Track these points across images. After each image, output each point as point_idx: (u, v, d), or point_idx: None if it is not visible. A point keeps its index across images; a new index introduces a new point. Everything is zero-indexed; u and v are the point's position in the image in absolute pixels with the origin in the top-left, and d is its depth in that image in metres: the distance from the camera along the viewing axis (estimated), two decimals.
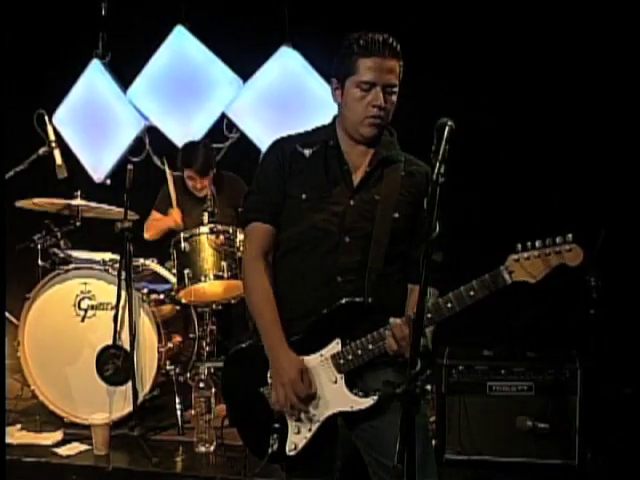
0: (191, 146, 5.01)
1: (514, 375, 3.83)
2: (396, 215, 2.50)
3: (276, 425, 2.49)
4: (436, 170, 1.99)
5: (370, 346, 2.39)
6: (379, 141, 2.54)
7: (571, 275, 2.26)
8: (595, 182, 4.60)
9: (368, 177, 2.52)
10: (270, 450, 2.47)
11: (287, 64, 5.18)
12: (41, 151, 4.68)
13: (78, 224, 4.77)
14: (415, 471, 1.91)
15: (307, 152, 2.54)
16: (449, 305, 2.30)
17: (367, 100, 2.43)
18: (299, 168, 2.53)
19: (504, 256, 2.27)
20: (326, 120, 2.64)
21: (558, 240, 2.22)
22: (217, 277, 4.43)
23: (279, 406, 2.46)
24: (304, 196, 2.50)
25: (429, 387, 4.05)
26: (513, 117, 4.73)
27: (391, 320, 2.33)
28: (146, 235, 5.07)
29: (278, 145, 2.60)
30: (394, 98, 2.47)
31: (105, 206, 4.74)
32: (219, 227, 4.49)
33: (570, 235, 2.21)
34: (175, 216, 4.98)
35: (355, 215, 2.49)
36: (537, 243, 2.24)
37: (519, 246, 2.26)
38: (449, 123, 2.02)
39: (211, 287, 4.59)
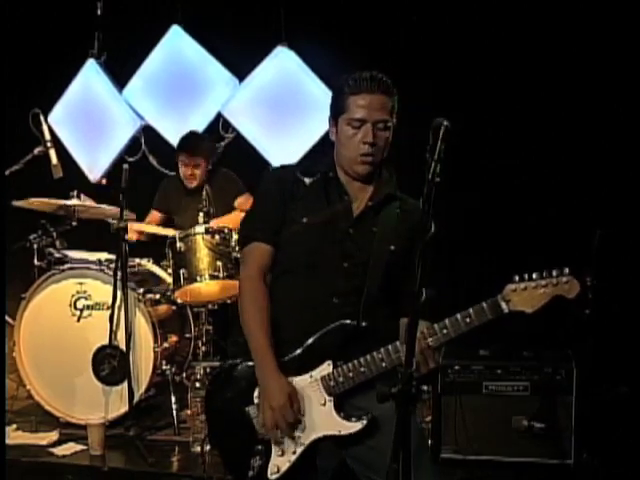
0: (190, 134, 5.06)
1: (510, 375, 3.83)
2: (392, 247, 2.54)
3: (259, 447, 2.47)
4: (432, 170, 2.00)
5: (362, 369, 2.39)
6: (379, 178, 2.58)
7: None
8: (591, 183, 4.60)
9: (368, 210, 2.56)
10: (251, 473, 2.44)
11: (283, 64, 5.17)
12: (36, 151, 4.66)
13: (74, 224, 4.76)
14: (410, 472, 1.91)
15: (307, 180, 2.58)
16: (445, 331, 2.32)
17: (358, 137, 2.46)
18: (299, 194, 2.56)
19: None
20: (322, 120, 2.64)
21: (555, 273, 2.27)
22: (213, 277, 4.43)
23: (265, 430, 2.44)
24: (305, 220, 2.53)
25: (425, 387, 4.06)
26: (508, 118, 4.73)
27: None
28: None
29: (277, 172, 2.69)
30: (387, 134, 2.48)
31: (100, 205, 4.74)
32: (214, 227, 4.49)
33: (567, 269, 2.26)
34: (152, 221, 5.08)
35: (354, 243, 2.53)
36: (534, 275, 2.28)
37: (516, 277, 2.29)
38: (445, 123, 2.03)
39: (207, 287, 4.59)
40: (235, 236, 4.38)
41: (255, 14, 5.19)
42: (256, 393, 2.50)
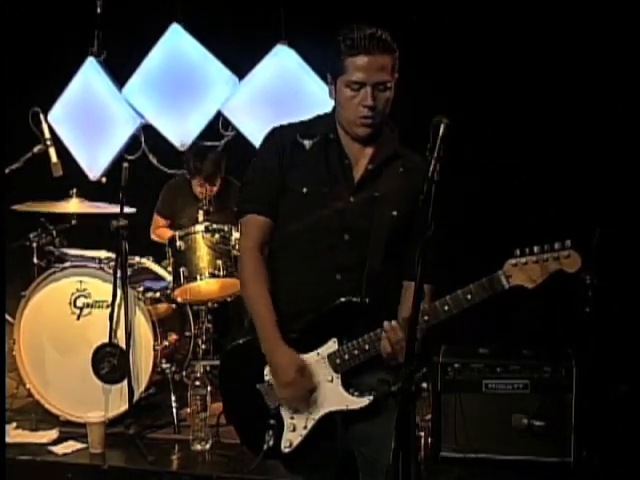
0: (202, 152, 5.04)
1: (510, 373, 3.84)
2: (395, 213, 2.47)
3: (271, 422, 2.48)
4: (431, 168, 1.99)
5: (366, 346, 2.38)
6: (379, 137, 2.50)
7: (567, 273, 2.26)
8: (591, 181, 4.60)
9: (369, 174, 2.49)
10: (265, 447, 2.47)
11: (283, 62, 5.16)
12: (36, 149, 4.65)
13: (73, 222, 4.76)
14: (411, 470, 1.92)
15: (307, 143, 2.50)
16: (446, 308, 2.30)
17: (357, 100, 2.39)
18: (299, 160, 2.49)
19: (502, 256, 2.27)
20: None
21: (556, 246, 2.22)
22: (213, 275, 4.44)
23: (285, 404, 2.46)
24: (305, 190, 2.46)
25: (425, 385, 4.06)
26: (509, 116, 4.73)
27: (385, 323, 2.32)
28: (153, 237, 5.13)
29: (277, 134, 2.55)
30: (387, 94, 2.41)
31: (101, 204, 4.76)
32: (214, 225, 4.50)
33: (569, 241, 2.21)
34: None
35: (355, 212, 2.46)
36: (535, 248, 2.24)
37: (517, 251, 2.26)
38: (445, 121, 2.02)
39: (207, 285, 4.59)
40: (235, 234, 4.38)
41: (255, 12, 5.19)
42: (266, 370, 2.50)
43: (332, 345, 2.43)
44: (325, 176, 2.48)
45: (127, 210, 4.31)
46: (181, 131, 5.24)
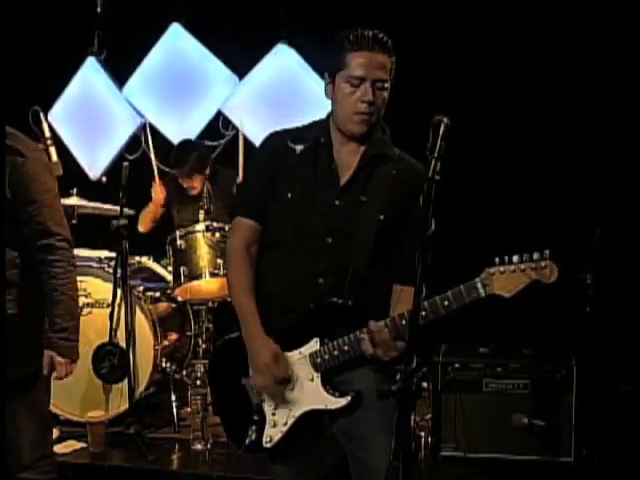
0: (183, 146, 5.02)
1: (510, 372, 3.84)
2: (381, 217, 2.46)
3: (255, 417, 2.52)
4: (432, 167, 1.99)
5: (345, 347, 2.40)
6: (370, 138, 2.51)
7: (567, 273, 2.26)
8: (591, 181, 4.61)
9: (356, 177, 2.49)
10: (248, 441, 2.51)
11: (283, 61, 5.17)
12: None
13: (74, 222, 4.76)
14: (410, 469, 1.92)
15: (298, 148, 2.52)
16: (423, 313, 2.28)
17: (356, 96, 2.40)
18: (288, 165, 2.51)
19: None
20: (321, 117, 2.62)
21: (535, 256, 2.21)
22: (213, 275, 4.44)
23: (260, 390, 2.49)
24: (289, 195, 2.49)
25: (425, 384, 4.06)
26: (509, 116, 4.73)
27: (371, 323, 2.33)
28: (139, 228, 5.10)
29: (271, 140, 2.59)
30: (385, 94, 2.43)
31: (101, 205, 4.76)
32: (215, 225, 4.50)
33: (547, 251, 2.21)
34: (157, 190, 5.03)
35: (339, 216, 2.47)
36: (514, 258, 2.23)
37: (497, 259, 2.25)
38: (445, 120, 2.02)
39: (207, 284, 4.59)
40: None
41: (255, 12, 5.19)
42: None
43: (314, 345, 2.46)
44: (311, 181, 2.50)
45: (127, 211, 4.32)
46: (181, 130, 5.24)
